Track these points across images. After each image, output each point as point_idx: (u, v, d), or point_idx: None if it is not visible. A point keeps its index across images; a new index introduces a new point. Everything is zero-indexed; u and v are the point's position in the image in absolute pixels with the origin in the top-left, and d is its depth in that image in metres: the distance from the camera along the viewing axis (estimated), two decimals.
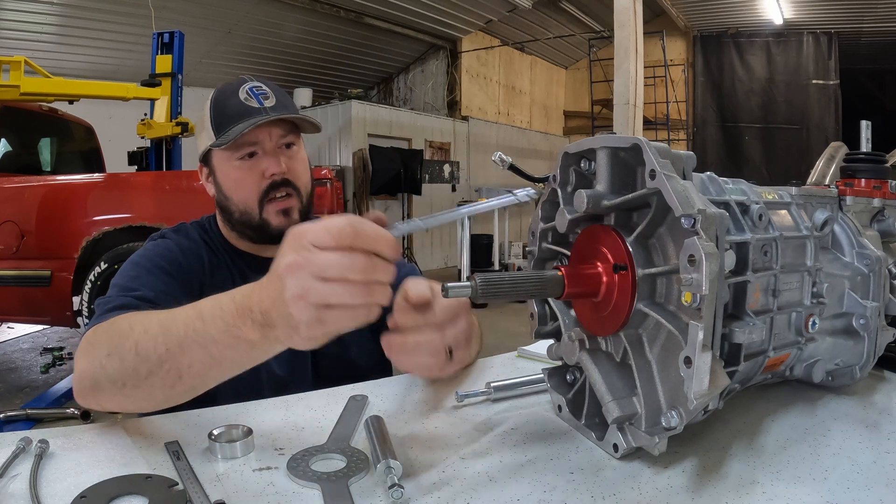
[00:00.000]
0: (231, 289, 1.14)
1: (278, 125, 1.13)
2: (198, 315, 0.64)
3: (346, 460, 0.65)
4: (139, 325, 0.71)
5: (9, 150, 4.70)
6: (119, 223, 4.01)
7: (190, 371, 0.66)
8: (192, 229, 1.20)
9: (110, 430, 0.74)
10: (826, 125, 11.04)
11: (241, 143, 1.11)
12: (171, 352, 0.66)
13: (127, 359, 0.70)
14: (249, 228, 1.15)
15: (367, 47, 9.71)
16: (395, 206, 9.42)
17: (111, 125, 6.13)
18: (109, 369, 0.71)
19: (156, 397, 0.71)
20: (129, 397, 0.72)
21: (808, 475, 0.63)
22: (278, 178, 1.12)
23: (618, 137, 0.66)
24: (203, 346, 0.63)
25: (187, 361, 0.65)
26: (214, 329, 0.62)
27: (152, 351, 0.67)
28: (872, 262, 0.81)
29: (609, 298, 0.65)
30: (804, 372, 0.79)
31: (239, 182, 1.13)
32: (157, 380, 0.68)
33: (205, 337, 0.63)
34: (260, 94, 1.13)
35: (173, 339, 0.66)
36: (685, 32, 11.79)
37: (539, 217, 0.78)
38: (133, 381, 0.70)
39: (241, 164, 1.12)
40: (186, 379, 0.67)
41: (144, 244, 1.14)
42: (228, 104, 1.12)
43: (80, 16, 6.87)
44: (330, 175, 4.21)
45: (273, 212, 1.13)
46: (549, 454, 0.69)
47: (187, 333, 0.64)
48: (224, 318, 0.61)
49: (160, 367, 0.67)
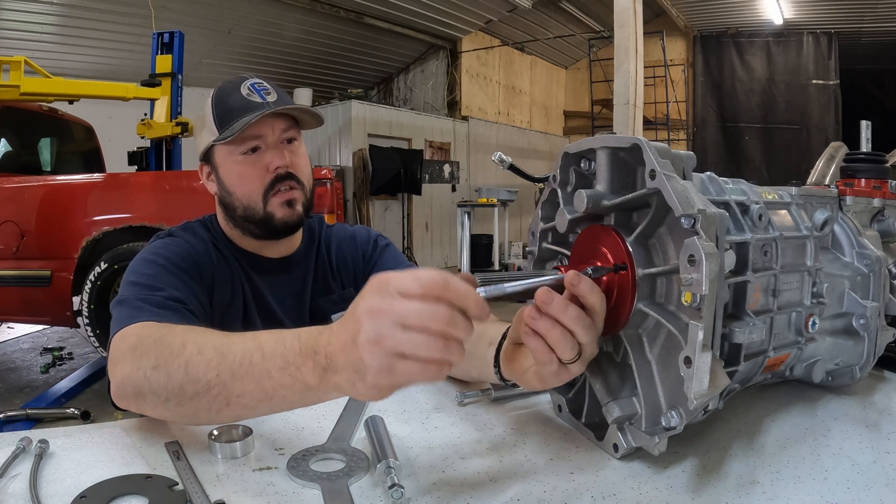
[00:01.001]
0: (233, 287, 1.14)
1: (280, 120, 1.14)
2: (257, 347, 0.62)
3: (346, 460, 0.65)
4: (192, 344, 0.68)
5: (9, 150, 4.70)
6: (119, 223, 4.01)
7: (239, 401, 0.64)
8: (199, 227, 1.21)
9: (110, 430, 0.74)
10: (826, 125, 11.04)
11: (245, 137, 1.11)
12: (221, 378, 0.64)
13: (175, 376, 0.68)
14: (253, 223, 1.15)
15: (367, 47, 9.71)
16: (395, 206, 9.42)
17: (111, 125, 6.13)
18: (154, 382, 0.69)
19: (200, 417, 0.69)
20: (171, 412, 0.70)
21: (808, 475, 0.63)
22: (283, 170, 1.12)
23: (618, 137, 0.66)
24: (257, 380, 0.61)
25: (237, 391, 0.63)
26: (272, 365, 0.60)
27: (202, 374, 0.65)
28: (872, 262, 0.81)
29: (609, 298, 0.65)
30: (804, 372, 0.79)
31: (243, 176, 1.13)
32: (203, 403, 0.66)
33: (261, 371, 0.61)
34: (262, 89, 1.13)
35: (226, 366, 0.64)
36: (685, 32, 11.79)
37: (539, 217, 0.78)
38: (178, 399, 0.68)
39: (245, 158, 1.13)
40: (234, 408, 0.65)
41: (152, 242, 1.13)
42: (231, 100, 1.12)
43: (81, 16, 6.86)
44: (330, 175, 4.21)
45: (277, 203, 1.13)
46: (549, 454, 0.69)
47: (243, 364, 0.62)
48: (285, 355, 0.59)
49: (208, 392, 0.65)
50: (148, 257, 1.06)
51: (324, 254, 1.27)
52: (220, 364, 0.64)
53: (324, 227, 1.31)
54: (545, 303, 0.60)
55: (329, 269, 1.26)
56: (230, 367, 0.63)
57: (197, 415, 0.69)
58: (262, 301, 1.18)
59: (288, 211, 1.14)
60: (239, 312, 1.15)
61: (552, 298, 0.60)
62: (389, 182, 8.77)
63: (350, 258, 1.28)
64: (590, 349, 0.62)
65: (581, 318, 0.60)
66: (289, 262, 1.23)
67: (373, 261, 1.28)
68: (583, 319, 0.60)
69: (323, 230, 1.31)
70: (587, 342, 0.61)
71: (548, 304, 0.60)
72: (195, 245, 1.13)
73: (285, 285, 1.21)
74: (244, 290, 1.16)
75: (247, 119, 1.08)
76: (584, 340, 0.61)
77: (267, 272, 1.20)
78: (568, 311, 0.60)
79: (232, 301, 1.14)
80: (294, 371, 0.58)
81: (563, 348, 0.60)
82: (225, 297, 1.13)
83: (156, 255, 1.06)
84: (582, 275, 0.62)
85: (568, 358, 0.61)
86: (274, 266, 1.21)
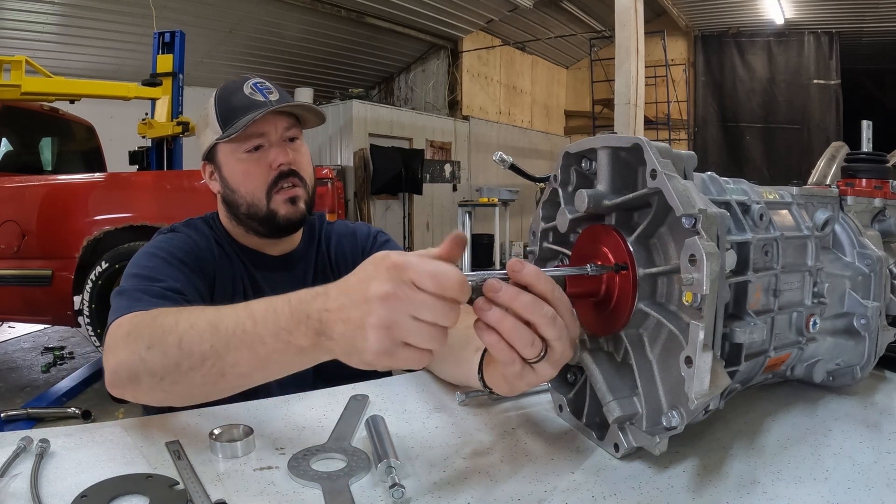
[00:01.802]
0: (234, 283, 1.14)
1: (283, 118, 1.15)
2: (249, 315, 0.63)
3: (347, 460, 0.65)
4: (185, 321, 0.70)
5: (10, 150, 4.71)
6: (120, 223, 4.02)
7: (234, 370, 0.65)
8: (201, 224, 1.21)
9: (111, 429, 0.74)
10: (827, 125, 11.04)
11: (248, 135, 1.12)
12: (215, 349, 0.65)
13: (169, 353, 0.69)
14: (256, 221, 1.16)
15: (368, 47, 9.71)
16: (396, 206, 9.42)
17: (112, 125, 6.14)
18: (150, 362, 0.70)
19: (194, 394, 0.71)
20: (167, 392, 0.71)
21: (809, 475, 0.63)
22: (286, 168, 1.14)
23: (619, 137, 0.66)
24: (250, 347, 0.62)
25: (232, 360, 0.64)
26: (264, 330, 0.61)
27: (196, 347, 0.66)
28: (873, 262, 0.80)
29: (610, 298, 0.65)
30: (805, 372, 0.79)
31: (247, 174, 1.14)
32: (199, 376, 0.67)
33: (253, 337, 0.62)
34: (264, 88, 1.15)
35: (220, 336, 0.65)
36: (686, 32, 11.78)
37: (540, 217, 0.78)
38: (173, 375, 0.69)
39: (248, 156, 1.14)
40: (229, 378, 0.66)
41: (155, 237, 1.14)
42: (234, 99, 1.13)
43: (82, 15, 6.87)
44: (331, 175, 4.21)
45: (280, 201, 1.14)
46: (549, 454, 0.69)
47: (235, 332, 0.63)
48: (277, 320, 0.60)
49: (202, 364, 0.66)
50: (150, 251, 1.07)
51: (324, 250, 1.28)
52: (213, 335, 0.65)
53: (324, 224, 1.32)
54: (494, 290, 0.54)
55: (328, 265, 1.27)
56: (224, 337, 0.64)
57: (192, 391, 0.70)
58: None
59: (291, 208, 1.14)
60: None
61: (500, 286, 0.54)
62: (390, 182, 8.77)
63: (350, 254, 1.28)
64: (558, 347, 0.55)
65: (536, 305, 0.54)
66: (289, 259, 1.23)
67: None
68: (539, 308, 0.54)
69: (323, 227, 1.32)
70: (552, 338, 0.55)
71: (496, 292, 0.54)
72: (197, 241, 1.14)
73: (286, 282, 1.21)
74: (245, 287, 1.17)
75: (250, 116, 1.09)
76: (548, 335, 0.55)
77: (268, 269, 1.21)
78: (519, 298, 0.54)
79: (233, 297, 1.15)
80: (286, 336, 0.59)
81: (521, 342, 0.54)
82: (226, 292, 1.14)
83: (157, 248, 1.08)
84: (526, 262, 0.56)
85: (530, 355, 0.55)
86: (275, 263, 1.22)
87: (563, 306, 0.56)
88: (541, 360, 0.56)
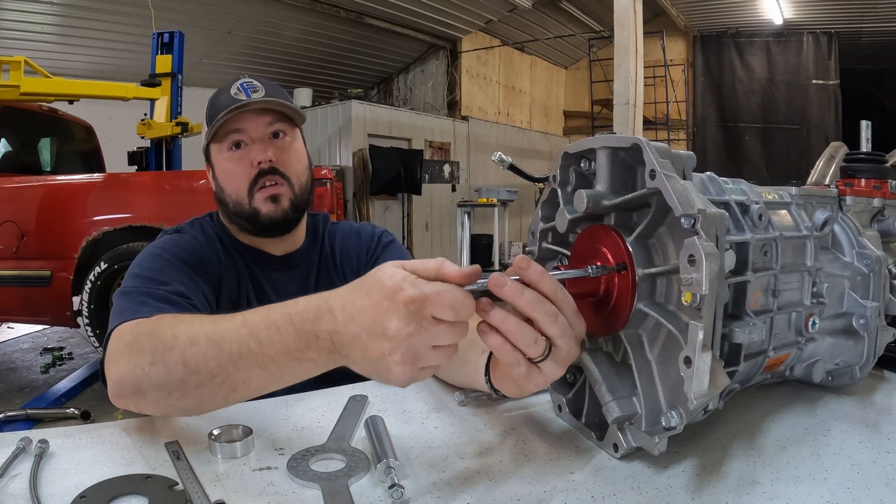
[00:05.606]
0: (239, 284, 1.14)
1: (265, 115, 1.14)
2: (250, 334, 0.62)
3: (346, 460, 0.65)
4: (183, 336, 0.68)
5: (9, 150, 4.70)
6: (119, 223, 4.01)
7: (247, 385, 0.65)
8: (206, 224, 1.21)
9: (110, 430, 0.74)
10: (826, 125, 11.04)
11: (226, 133, 1.13)
12: (223, 367, 0.64)
13: (174, 371, 0.67)
14: (243, 219, 1.16)
15: (367, 47, 9.70)
16: (396, 206, 9.41)
17: (111, 125, 6.14)
18: (154, 378, 0.69)
19: (206, 406, 0.70)
20: (174, 405, 0.70)
21: (809, 475, 0.63)
22: (265, 166, 1.12)
23: (618, 137, 0.66)
24: (262, 366, 0.62)
25: (243, 378, 0.64)
26: (273, 350, 0.60)
27: (202, 365, 0.65)
28: (872, 262, 0.81)
29: (609, 298, 0.65)
30: (804, 372, 0.79)
31: (230, 173, 1.15)
32: (209, 392, 0.66)
33: (262, 357, 0.61)
34: (249, 87, 1.14)
35: (225, 355, 0.64)
36: (685, 32, 11.79)
37: (539, 217, 0.78)
38: (181, 391, 0.68)
39: (231, 155, 1.14)
40: (242, 391, 0.66)
41: (160, 237, 1.14)
42: (220, 99, 1.14)
43: (81, 16, 6.87)
44: (330, 175, 4.21)
45: (261, 199, 1.13)
46: (549, 454, 0.69)
47: (241, 352, 0.62)
48: (283, 341, 0.60)
49: (212, 381, 0.65)
50: (155, 251, 1.06)
51: (327, 250, 1.28)
52: (218, 355, 0.65)
53: (328, 225, 1.32)
54: (499, 285, 0.53)
55: (332, 265, 1.27)
56: (229, 356, 0.64)
57: (202, 404, 0.69)
58: (265, 297, 1.18)
59: (272, 206, 1.13)
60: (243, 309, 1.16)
61: (506, 281, 0.53)
62: (389, 182, 8.76)
63: (354, 253, 1.28)
64: (563, 346, 0.55)
65: (539, 302, 0.54)
66: (291, 259, 1.23)
67: (375, 256, 1.28)
68: (542, 305, 0.54)
69: (327, 227, 1.31)
70: (555, 335, 0.55)
71: (502, 287, 0.53)
72: (203, 243, 1.14)
73: (287, 282, 1.21)
74: (247, 286, 1.17)
75: (221, 115, 1.10)
76: (551, 332, 0.55)
77: (270, 269, 1.21)
78: (523, 294, 0.54)
79: (237, 301, 1.15)
80: (297, 354, 0.59)
81: (525, 341, 0.54)
82: (231, 296, 1.14)
83: (163, 249, 1.07)
84: (531, 260, 0.56)
85: (534, 354, 0.55)
86: (277, 263, 1.22)
87: (567, 306, 0.57)
88: (545, 358, 0.56)
